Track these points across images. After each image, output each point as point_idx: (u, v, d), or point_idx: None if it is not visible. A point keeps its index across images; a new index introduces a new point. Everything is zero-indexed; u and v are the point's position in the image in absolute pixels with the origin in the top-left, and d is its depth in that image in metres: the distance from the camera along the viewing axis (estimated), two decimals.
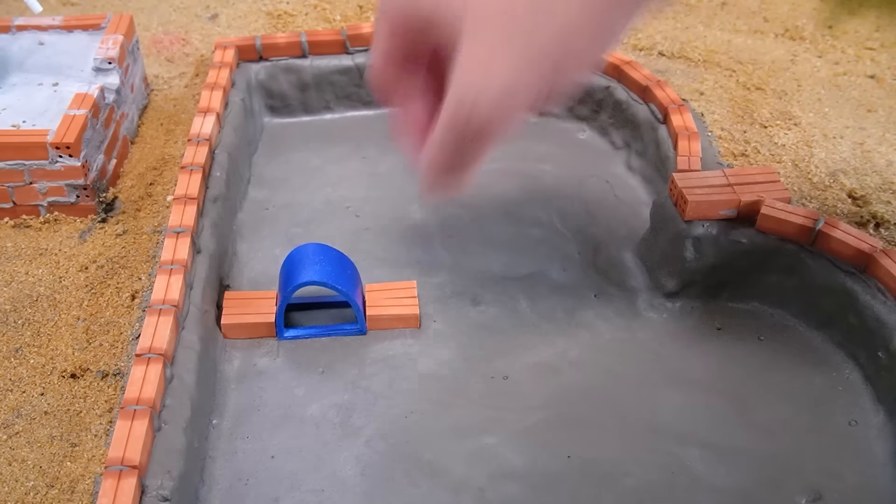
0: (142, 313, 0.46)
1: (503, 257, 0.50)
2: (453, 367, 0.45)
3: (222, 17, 0.70)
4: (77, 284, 0.48)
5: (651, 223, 0.49)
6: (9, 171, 0.50)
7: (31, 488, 0.38)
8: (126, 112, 0.58)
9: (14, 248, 0.50)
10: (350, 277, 0.46)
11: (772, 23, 0.71)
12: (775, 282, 0.47)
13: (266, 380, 0.45)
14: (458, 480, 0.40)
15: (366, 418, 0.43)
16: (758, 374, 0.45)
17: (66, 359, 0.44)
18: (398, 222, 0.54)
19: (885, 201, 0.52)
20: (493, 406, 0.43)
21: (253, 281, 0.50)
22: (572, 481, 0.40)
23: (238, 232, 0.53)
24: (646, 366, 0.45)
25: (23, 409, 0.42)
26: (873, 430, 0.42)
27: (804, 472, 0.40)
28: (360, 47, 0.61)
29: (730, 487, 0.40)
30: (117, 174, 0.55)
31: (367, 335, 0.47)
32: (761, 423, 0.42)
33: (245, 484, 0.40)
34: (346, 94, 0.63)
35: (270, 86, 0.62)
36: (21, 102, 0.54)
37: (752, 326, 0.47)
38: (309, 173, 0.58)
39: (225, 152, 0.53)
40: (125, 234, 0.51)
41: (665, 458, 0.41)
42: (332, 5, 0.71)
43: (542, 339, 0.47)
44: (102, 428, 0.41)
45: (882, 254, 0.43)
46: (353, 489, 0.40)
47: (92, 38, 0.59)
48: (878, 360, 0.43)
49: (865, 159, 0.56)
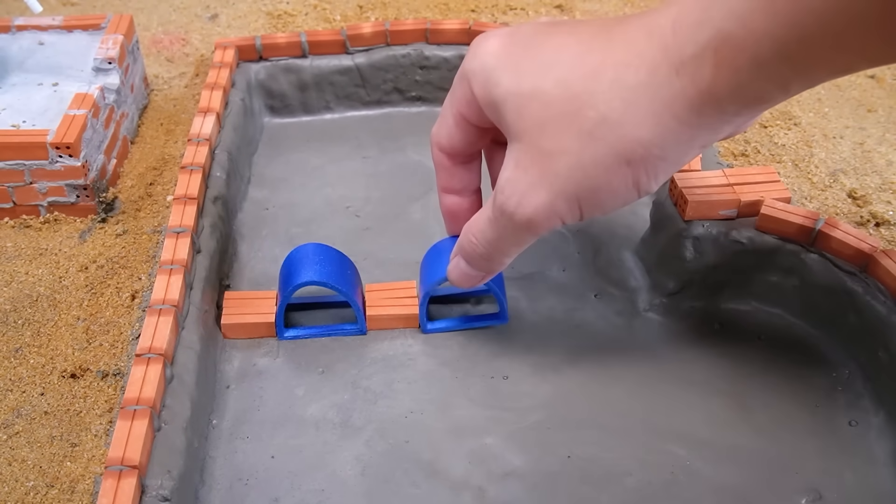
0: (142, 313, 0.46)
1: None
2: (453, 367, 0.45)
3: (222, 17, 0.70)
4: (77, 284, 0.48)
5: (651, 223, 0.49)
6: (9, 171, 0.50)
7: (31, 488, 0.38)
8: (126, 112, 0.58)
9: (14, 248, 0.50)
10: (350, 277, 0.46)
11: None
12: (775, 282, 0.47)
13: (266, 380, 0.45)
14: (458, 480, 0.40)
15: (366, 418, 0.43)
16: (758, 374, 0.45)
17: (66, 359, 0.44)
18: (398, 222, 0.54)
19: (885, 201, 0.52)
20: (493, 406, 0.43)
21: (253, 281, 0.50)
22: (572, 481, 0.40)
23: (238, 232, 0.53)
24: (646, 366, 0.45)
25: (23, 409, 0.42)
26: (873, 430, 0.42)
27: (804, 472, 0.40)
28: (360, 47, 0.61)
29: (730, 487, 0.40)
30: (117, 174, 0.56)
31: (367, 335, 0.47)
32: (761, 423, 0.42)
33: (245, 484, 0.40)
34: (346, 94, 0.63)
35: (270, 86, 0.62)
36: (21, 102, 0.54)
37: (752, 326, 0.47)
38: (309, 173, 0.58)
39: (225, 152, 0.53)
40: (125, 234, 0.52)
41: (665, 458, 0.41)
42: (332, 5, 0.71)
43: (542, 339, 0.47)
44: (102, 428, 0.41)
45: (882, 254, 0.43)
46: (353, 489, 0.40)
47: (92, 38, 0.59)
48: (878, 360, 0.43)
49: (865, 159, 0.56)
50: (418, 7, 0.70)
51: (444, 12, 0.69)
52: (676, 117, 0.32)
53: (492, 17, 0.68)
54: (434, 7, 0.70)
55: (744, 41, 0.30)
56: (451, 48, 0.62)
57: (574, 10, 0.70)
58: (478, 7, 0.70)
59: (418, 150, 0.60)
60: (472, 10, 0.69)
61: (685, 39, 0.31)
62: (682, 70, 0.32)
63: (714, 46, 0.31)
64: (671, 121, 0.33)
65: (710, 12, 0.31)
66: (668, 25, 0.32)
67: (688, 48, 0.31)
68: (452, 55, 0.61)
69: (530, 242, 0.39)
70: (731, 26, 0.30)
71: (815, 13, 0.28)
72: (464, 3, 0.70)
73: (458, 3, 0.70)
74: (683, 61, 0.32)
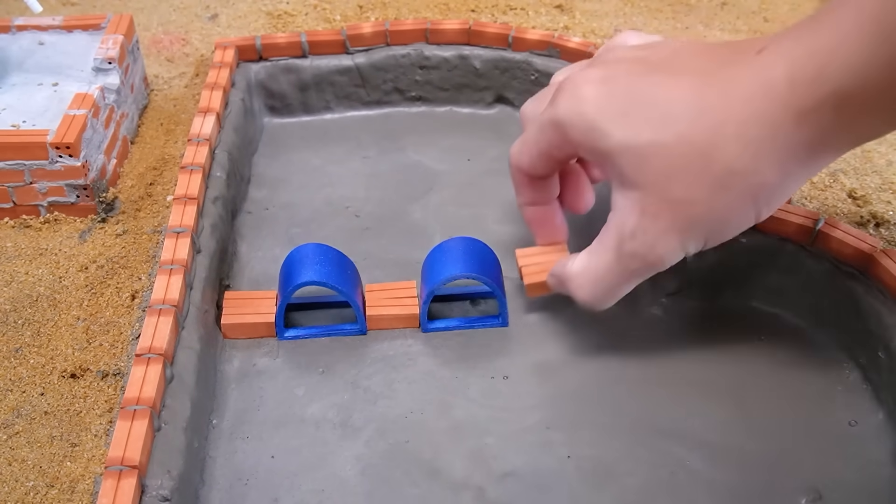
0: (142, 313, 0.46)
1: (503, 257, 0.49)
2: (453, 367, 0.45)
3: (222, 17, 0.70)
4: (77, 284, 0.48)
5: None
6: (9, 171, 0.50)
7: (31, 488, 0.38)
8: (126, 112, 0.58)
9: (14, 248, 0.50)
10: (350, 277, 0.46)
11: (772, 23, 0.71)
12: (775, 282, 0.47)
13: (266, 380, 0.45)
14: (458, 480, 0.40)
15: (366, 418, 0.43)
16: (758, 374, 0.45)
17: (66, 359, 0.44)
18: (398, 222, 0.54)
19: (885, 201, 0.52)
20: (493, 406, 0.43)
21: (253, 281, 0.50)
22: (572, 481, 0.40)
23: (238, 232, 0.53)
24: (646, 366, 0.45)
25: (23, 409, 0.42)
26: (873, 430, 0.42)
27: (804, 472, 0.40)
28: (360, 47, 0.61)
29: (730, 487, 0.40)
30: (117, 174, 0.55)
31: (367, 335, 0.47)
32: (761, 423, 0.42)
33: (245, 484, 0.40)
34: (346, 94, 0.63)
35: (270, 86, 0.62)
36: (21, 102, 0.54)
37: (752, 326, 0.47)
38: (309, 173, 0.58)
39: (225, 152, 0.53)
40: (125, 234, 0.52)
41: (665, 458, 0.41)
42: (332, 5, 0.71)
43: (542, 339, 0.47)
44: (102, 428, 0.41)
45: (882, 254, 0.43)
46: (353, 489, 0.40)
47: (92, 38, 0.59)
48: (878, 360, 0.43)
49: (865, 159, 0.56)
50: (418, 7, 0.70)
51: (444, 12, 0.69)
52: (799, 162, 0.36)
53: (492, 17, 0.69)
54: (434, 7, 0.70)
55: (861, 96, 0.33)
56: (451, 48, 0.62)
57: (574, 10, 0.70)
58: (478, 7, 0.70)
59: (418, 150, 0.60)
60: (472, 10, 0.69)
61: (804, 95, 0.34)
62: (802, 122, 0.34)
63: (833, 102, 0.33)
64: (794, 165, 0.36)
65: (827, 69, 0.33)
66: (782, 81, 0.34)
67: (808, 103, 0.34)
68: (452, 55, 0.61)
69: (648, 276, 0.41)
70: (850, 83, 0.33)
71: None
72: (464, 3, 0.70)
73: (458, 3, 0.70)
74: (804, 114, 0.34)
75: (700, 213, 0.37)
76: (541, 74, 0.61)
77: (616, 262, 0.40)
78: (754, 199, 0.37)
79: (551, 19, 0.69)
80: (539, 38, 0.60)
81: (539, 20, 0.69)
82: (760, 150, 0.35)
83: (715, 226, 0.38)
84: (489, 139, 0.61)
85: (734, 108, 0.35)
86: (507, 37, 0.61)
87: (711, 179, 0.36)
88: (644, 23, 0.69)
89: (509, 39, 0.61)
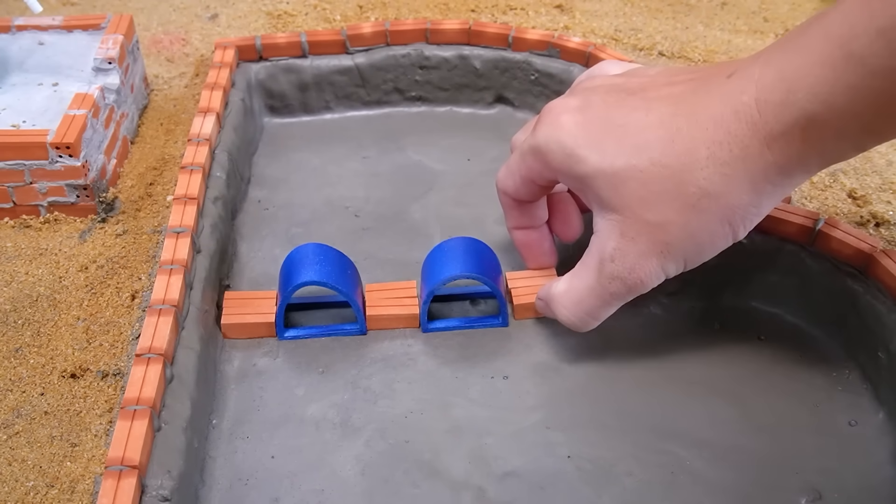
0: (142, 313, 0.46)
1: (503, 257, 0.49)
2: (453, 367, 0.45)
3: (222, 17, 0.70)
4: (77, 284, 0.48)
5: None
6: (9, 171, 0.50)
7: (31, 488, 0.38)
8: (126, 112, 0.58)
9: (14, 248, 0.50)
10: (350, 277, 0.46)
11: (772, 23, 0.71)
12: (775, 282, 0.47)
13: (266, 380, 0.45)
14: (458, 480, 0.40)
15: (366, 418, 0.43)
16: (758, 374, 0.45)
17: (66, 359, 0.44)
18: (398, 222, 0.54)
19: (885, 201, 0.52)
20: (493, 406, 0.43)
21: (253, 281, 0.50)
22: (572, 481, 0.40)
23: (238, 232, 0.53)
24: (645, 366, 0.45)
25: (23, 409, 0.42)
26: (873, 430, 0.42)
27: (804, 472, 0.40)
28: (360, 47, 0.61)
29: (730, 487, 0.40)
30: (117, 174, 0.55)
31: (367, 335, 0.47)
32: (761, 423, 0.42)
33: (245, 484, 0.40)
34: (346, 94, 0.63)
35: (270, 86, 0.62)
36: (21, 102, 0.54)
37: (752, 326, 0.47)
38: (309, 173, 0.58)
39: (225, 152, 0.53)
40: (125, 234, 0.52)
41: (665, 458, 0.41)
42: (332, 5, 0.71)
43: (543, 339, 0.47)
44: (102, 428, 0.41)
45: (882, 254, 0.43)
46: (353, 489, 0.40)
47: (92, 38, 0.59)
48: (878, 360, 0.43)
49: (865, 159, 0.56)
50: (418, 7, 0.70)
51: (444, 12, 0.69)
52: (770, 182, 0.37)
53: (492, 17, 0.69)
54: (434, 7, 0.70)
55: (828, 120, 0.34)
56: (451, 48, 0.62)
57: (574, 10, 0.70)
58: (478, 7, 0.70)
59: (418, 150, 0.60)
60: (472, 10, 0.69)
61: (772, 119, 0.35)
62: (772, 145, 0.35)
63: (801, 126, 0.34)
64: (766, 185, 0.37)
65: (794, 94, 0.34)
66: (751, 104, 0.35)
67: (776, 127, 0.35)
68: (452, 55, 0.61)
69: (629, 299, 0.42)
70: (816, 108, 0.34)
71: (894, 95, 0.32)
72: (464, 3, 0.70)
73: (458, 3, 0.70)
74: (773, 137, 0.35)
75: (676, 235, 0.38)
76: (541, 74, 0.61)
77: (597, 283, 0.41)
78: (729, 220, 0.38)
79: (551, 19, 0.69)
80: (539, 38, 0.60)
81: (539, 20, 0.69)
82: (732, 173, 0.36)
83: (692, 247, 0.39)
84: (489, 139, 0.61)
85: (705, 132, 0.37)
86: (507, 37, 0.61)
87: (685, 202, 0.37)
88: (644, 23, 0.70)
89: (509, 39, 0.61)
